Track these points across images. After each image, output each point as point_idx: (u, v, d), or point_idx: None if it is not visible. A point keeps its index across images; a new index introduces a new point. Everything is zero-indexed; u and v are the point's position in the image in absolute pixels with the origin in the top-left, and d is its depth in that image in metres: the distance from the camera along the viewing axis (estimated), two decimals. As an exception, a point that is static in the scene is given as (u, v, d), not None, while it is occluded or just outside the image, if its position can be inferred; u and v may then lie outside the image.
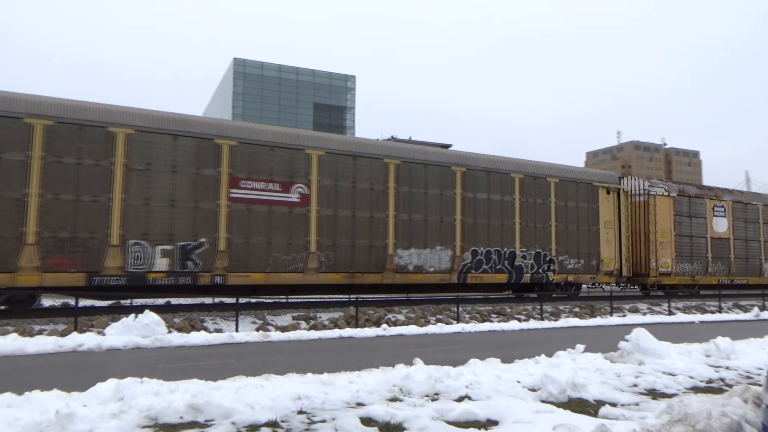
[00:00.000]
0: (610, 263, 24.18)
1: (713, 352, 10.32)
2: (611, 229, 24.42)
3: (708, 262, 27.80)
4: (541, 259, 22.40)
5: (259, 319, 15.63)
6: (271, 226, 17.34)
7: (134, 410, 5.62)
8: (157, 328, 11.64)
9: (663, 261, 25.82)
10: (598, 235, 24.02)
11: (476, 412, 6.01)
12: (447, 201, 20.58)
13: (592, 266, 23.78)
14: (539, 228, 22.57)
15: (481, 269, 20.95)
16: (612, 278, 24.40)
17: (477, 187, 21.31)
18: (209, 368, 8.63)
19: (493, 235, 21.37)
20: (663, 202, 26.43)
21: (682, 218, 27.13)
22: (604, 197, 24.42)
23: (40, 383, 6.86)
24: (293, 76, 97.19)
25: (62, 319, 14.31)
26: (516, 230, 21.93)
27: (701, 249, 27.73)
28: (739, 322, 19.35)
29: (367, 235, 18.91)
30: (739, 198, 30.18)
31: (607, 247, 24.15)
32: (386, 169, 19.55)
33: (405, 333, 13.67)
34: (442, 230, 20.33)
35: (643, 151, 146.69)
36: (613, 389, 7.51)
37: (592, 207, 24.07)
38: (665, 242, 26.07)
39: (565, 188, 23.46)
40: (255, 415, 5.64)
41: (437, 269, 20.03)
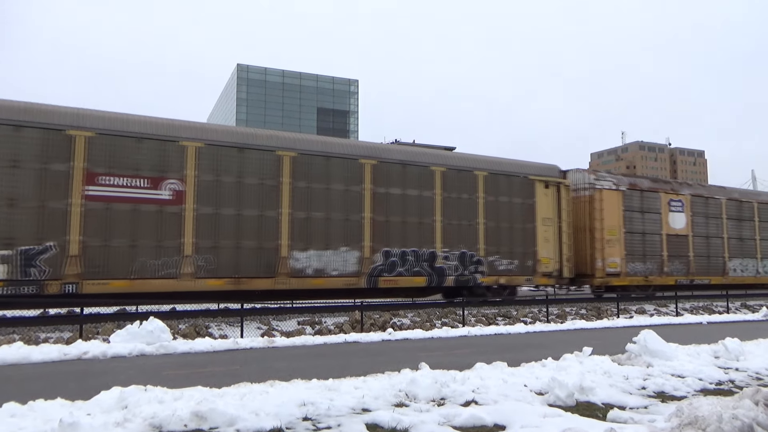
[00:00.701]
0: (548, 264, 22.11)
1: (722, 354, 10.22)
2: (550, 227, 22.37)
3: (663, 261, 25.62)
4: (467, 260, 20.40)
5: (264, 325, 15.60)
6: (137, 228, 15.52)
7: (138, 418, 5.59)
8: (162, 335, 11.63)
9: (611, 260, 23.72)
10: (534, 233, 21.95)
11: (483, 417, 5.95)
12: (354, 197, 18.60)
13: (527, 267, 21.65)
14: (465, 226, 20.57)
15: (395, 272, 19.00)
16: (551, 280, 22.42)
17: (390, 181, 19.31)
18: (214, 375, 8.60)
19: (409, 234, 19.42)
20: (611, 197, 24.35)
21: (633, 214, 25.01)
22: (542, 192, 22.34)
23: (44, 392, 6.84)
24: (296, 81, 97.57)
25: (67, 327, 14.32)
26: (436, 229, 19.94)
27: (655, 247, 25.53)
28: (748, 322, 19.20)
29: (255, 236, 16.96)
30: (699, 192, 28.22)
31: (545, 246, 22.07)
32: (279, 162, 17.54)
33: (410, 337, 13.61)
34: (347, 230, 18.38)
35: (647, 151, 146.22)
36: (621, 392, 7.44)
37: (528, 202, 22.03)
38: (613, 240, 23.97)
39: (495, 182, 21.39)
40: (260, 422, 5.60)
41: (342, 273, 18.14)
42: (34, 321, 14.87)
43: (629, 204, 24.93)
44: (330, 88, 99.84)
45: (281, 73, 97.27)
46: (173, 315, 16.05)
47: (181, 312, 16.68)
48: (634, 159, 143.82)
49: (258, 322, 15.89)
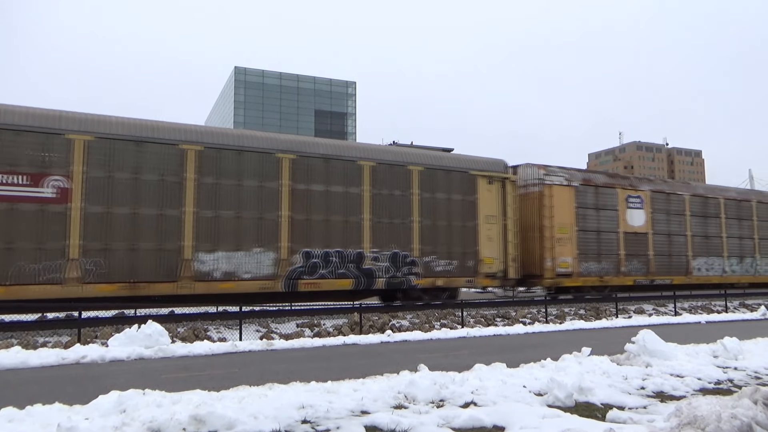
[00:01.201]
0: (492, 264, 20.71)
1: (721, 353, 10.24)
2: (495, 225, 20.98)
3: (620, 261, 24.21)
4: (400, 260, 19.02)
5: (263, 327, 15.58)
6: (13, 229, 14.18)
7: (136, 422, 5.57)
8: (161, 339, 11.59)
9: (561, 260, 22.32)
10: (476, 232, 20.58)
11: (482, 418, 5.95)
12: (269, 194, 17.22)
13: (468, 268, 20.28)
14: (397, 225, 19.13)
15: (317, 274, 17.64)
16: (495, 281, 21.09)
17: (312, 177, 17.93)
18: (212, 378, 8.58)
19: (334, 233, 18.07)
20: (562, 193, 22.90)
21: (587, 211, 23.57)
22: (485, 188, 20.97)
23: (42, 396, 6.83)
24: (294, 84, 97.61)
25: (66, 331, 14.27)
26: (365, 228, 18.52)
27: (612, 246, 24.12)
28: (746, 321, 19.22)
29: (154, 237, 15.63)
30: (660, 187, 26.81)
31: (488, 245, 20.70)
32: (183, 156, 16.16)
33: (409, 339, 13.60)
34: (262, 229, 17.01)
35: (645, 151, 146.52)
36: (620, 392, 7.44)
37: (469, 199, 20.63)
38: (565, 239, 22.57)
39: (432, 178, 20.01)
40: (258, 425, 5.59)
41: (256, 276, 16.78)
42: (32, 325, 14.83)
43: (583, 200, 23.59)
44: (328, 90, 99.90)
45: (279, 75, 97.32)
46: (172, 318, 16.01)
47: (180, 315, 16.64)
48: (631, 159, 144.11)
49: (257, 325, 15.86)
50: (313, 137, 19.23)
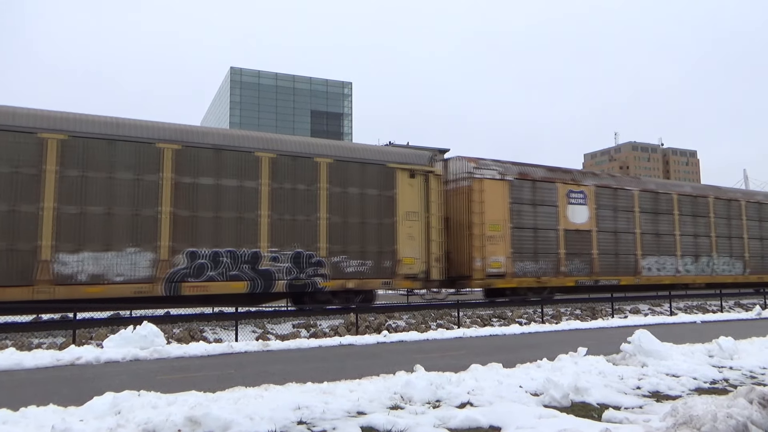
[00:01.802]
0: (413, 264, 19.19)
1: (716, 352, 10.27)
2: (416, 222, 19.40)
3: (560, 260, 22.67)
4: (304, 261, 17.51)
5: (259, 328, 15.56)
6: None
7: (131, 424, 5.54)
8: (156, 340, 11.56)
9: (493, 260, 20.84)
10: (394, 230, 18.98)
11: (478, 419, 5.95)
12: (147, 188, 15.66)
13: (385, 269, 18.72)
14: (301, 221, 17.61)
15: (205, 276, 16.19)
16: (416, 283, 19.55)
17: (199, 169, 16.42)
18: (208, 379, 8.55)
19: (225, 231, 16.56)
20: (494, 188, 21.37)
21: (522, 206, 22.07)
22: (406, 182, 19.38)
23: (36, 398, 6.79)
24: (290, 84, 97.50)
25: (60, 332, 14.22)
26: (262, 225, 17.01)
27: (550, 244, 22.59)
28: (741, 321, 19.30)
29: (4, 236, 14.12)
30: (606, 182, 25.20)
31: (409, 244, 19.16)
32: (42, 147, 14.64)
33: (406, 339, 13.60)
34: (138, 227, 15.47)
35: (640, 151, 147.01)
36: (616, 392, 7.45)
37: (387, 194, 19.02)
38: (497, 236, 21.06)
39: (343, 171, 18.42)
40: (254, 426, 5.57)
41: (130, 278, 15.25)
42: (26, 326, 14.76)
43: (518, 195, 22.08)
44: (324, 90, 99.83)
45: (275, 76, 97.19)
46: (167, 319, 15.97)
47: (176, 316, 16.60)
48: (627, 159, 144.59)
49: (253, 326, 15.84)
50: (202, 126, 17.36)
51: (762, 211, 30.58)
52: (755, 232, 29.97)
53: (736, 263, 28.86)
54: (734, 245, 28.88)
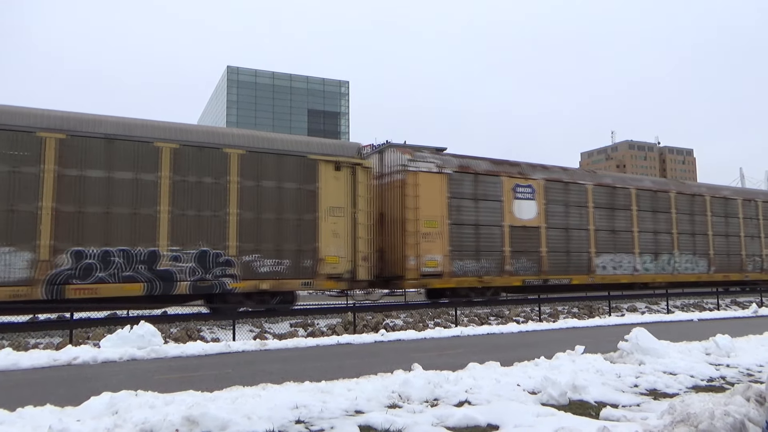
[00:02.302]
0: (337, 263, 17.92)
1: (713, 350, 10.29)
2: (342, 218, 18.12)
3: (505, 259, 21.37)
4: (210, 260, 16.23)
5: (256, 327, 15.54)
6: None
7: (129, 424, 5.53)
8: (153, 339, 11.53)
9: (428, 258, 19.51)
10: (316, 227, 17.67)
11: (476, 417, 5.95)
12: (25, 181, 14.31)
13: (305, 268, 17.41)
14: (208, 218, 16.29)
15: (94, 278, 14.81)
16: (341, 284, 18.28)
17: (87, 160, 15.04)
18: (206, 378, 8.54)
19: (117, 229, 15.20)
20: (430, 181, 19.99)
21: (463, 201, 20.74)
22: (330, 175, 18.09)
23: (33, 398, 6.77)
24: (287, 83, 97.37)
25: (58, 332, 14.18)
26: (161, 221, 15.64)
27: (494, 241, 21.30)
28: (738, 319, 19.34)
29: None
30: (556, 176, 23.73)
31: (333, 242, 17.88)
32: None
33: (403, 338, 13.59)
34: (12, 224, 14.14)
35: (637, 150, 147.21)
36: (614, 390, 7.46)
37: (308, 188, 17.70)
38: (434, 233, 19.69)
39: (257, 163, 17.11)
40: (252, 425, 5.56)
41: (4, 281, 13.91)
42: (23, 326, 14.74)
43: (458, 190, 20.73)
44: (320, 89, 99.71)
45: (271, 75, 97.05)
46: (164, 319, 15.96)
47: (173, 316, 16.59)
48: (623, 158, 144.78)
49: (250, 325, 15.82)
50: (94, 114, 15.69)
51: (729, 207, 29.51)
52: (721, 229, 28.94)
53: (700, 261, 27.79)
54: (698, 242, 27.86)
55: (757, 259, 30.35)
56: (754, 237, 30.39)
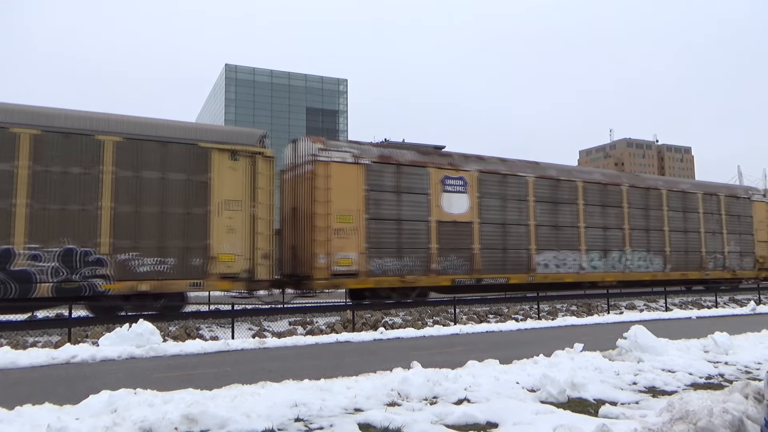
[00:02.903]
0: (232, 262, 16.49)
1: (711, 348, 10.31)
2: (239, 212, 16.64)
3: (431, 256, 19.86)
4: (78, 259, 14.64)
5: (255, 326, 15.54)
6: None
7: (128, 422, 5.52)
8: (152, 337, 11.52)
9: (341, 256, 17.96)
10: (207, 222, 16.13)
11: (475, 415, 5.95)
12: None
13: (194, 267, 15.90)
14: (75, 212, 14.73)
15: None
16: (237, 284, 16.74)
17: None
18: (205, 377, 8.53)
19: None
20: (345, 172, 18.37)
21: (383, 194, 19.14)
22: (226, 165, 16.63)
23: (32, 397, 6.76)
24: (285, 81, 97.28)
25: (56, 330, 14.16)
26: (16, 216, 14.13)
27: (419, 238, 19.71)
28: (736, 316, 19.37)
29: None
30: (493, 167, 22.04)
31: (228, 238, 16.43)
32: None
33: (402, 336, 13.60)
34: None
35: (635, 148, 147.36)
36: (612, 388, 7.47)
37: (198, 179, 16.14)
38: (348, 229, 18.16)
39: (137, 151, 15.56)
40: (251, 424, 5.56)
41: None
42: (21, 325, 14.72)
43: (377, 182, 19.12)
44: (319, 87, 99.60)
45: (269, 73, 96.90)
46: (163, 317, 15.93)
47: (171, 314, 16.57)
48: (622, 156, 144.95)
49: (249, 323, 15.83)
50: None
51: (688, 202, 27.89)
52: (679, 225, 27.29)
53: (655, 259, 26.13)
54: (653, 239, 26.16)
55: (718, 257, 28.71)
56: (716, 233, 28.76)
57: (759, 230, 30.59)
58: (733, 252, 29.29)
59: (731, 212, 29.58)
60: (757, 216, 30.65)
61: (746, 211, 30.26)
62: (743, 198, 30.39)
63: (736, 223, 29.63)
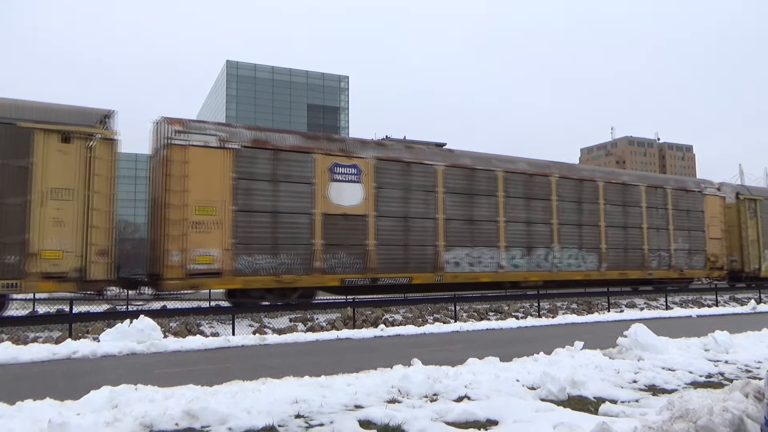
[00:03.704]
0: (59, 260, 14.37)
1: (712, 346, 10.32)
2: (71, 202, 14.53)
3: (314, 254, 17.71)
4: None
5: (256, 322, 15.56)
6: None
7: (129, 418, 5.54)
8: (153, 333, 11.55)
9: (200, 253, 15.90)
10: (25, 213, 14.06)
11: (476, 412, 5.96)
12: None
13: (8, 266, 13.90)
14: None
15: None
16: (67, 284, 14.68)
17: None
18: (205, 373, 8.55)
19: None
20: (206, 158, 16.29)
21: (255, 183, 17.10)
22: (54, 148, 14.43)
23: (33, 392, 6.77)
24: (286, 78, 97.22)
25: (57, 326, 14.20)
26: None
27: (300, 232, 17.59)
28: (737, 315, 19.38)
29: None
30: (394, 154, 19.78)
31: (54, 232, 14.36)
32: None
33: (403, 333, 13.62)
34: None
35: (637, 146, 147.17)
36: (612, 386, 7.48)
37: (16, 164, 14.07)
38: (210, 222, 16.10)
39: None
40: (252, 420, 5.57)
41: None
42: (22, 320, 14.76)
43: (248, 169, 17.03)
44: (320, 84, 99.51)
45: (271, 69, 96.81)
46: (164, 313, 15.98)
47: (172, 310, 16.61)
48: (623, 154, 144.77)
49: (250, 320, 15.85)
50: None
51: (628, 195, 25.45)
52: (617, 219, 24.86)
53: (589, 257, 23.80)
54: (586, 235, 23.80)
55: (664, 255, 26.30)
56: (661, 229, 26.31)
57: (711, 226, 28.20)
58: (680, 250, 27.01)
59: (679, 207, 27.23)
60: (709, 211, 28.27)
61: (697, 205, 27.91)
62: (694, 191, 28.02)
63: (685, 218, 27.30)
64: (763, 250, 29.97)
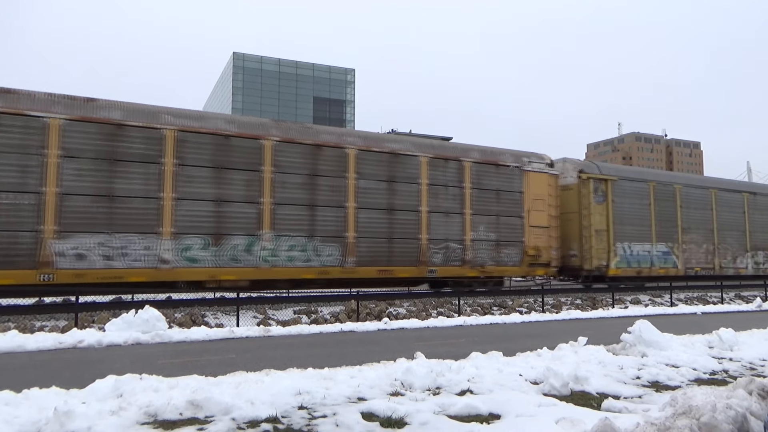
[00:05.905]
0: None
1: (716, 344, 10.28)
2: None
3: None
4: None
5: (260, 314, 15.61)
6: None
7: (133, 407, 5.58)
8: (158, 324, 11.61)
9: None
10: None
11: (478, 406, 5.96)
12: None
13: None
14: None
15: None
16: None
17: None
18: (209, 364, 8.59)
19: None
20: None
21: None
22: None
23: (39, 380, 6.82)
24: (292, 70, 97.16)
25: (63, 315, 14.29)
26: None
27: None
28: (742, 313, 19.31)
29: None
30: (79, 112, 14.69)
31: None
32: None
33: (406, 326, 13.63)
34: None
35: (644, 142, 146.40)
36: (616, 382, 7.47)
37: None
38: None
39: None
40: (255, 410, 5.60)
41: None
42: (29, 309, 14.85)
43: None
44: (326, 77, 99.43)
45: (277, 61, 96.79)
46: (169, 304, 16.04)
47: (177, 301, 16.67)
48: (630, 150, 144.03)
49: (254, 311, 15.90)
50: None
51: (400, 167, 19.45)
52: (379, 200, 18.93)
53: (327, 248, 18.03)
54: (323, 218, 18.02)
55: (454, 247, 20.17)
56: (452, 214, 20.18)
57: (534, 211, 21.74)
58: (482, 240, 20.66)
59: (484, 186, 20.95)
60: (531, 192, 21.82)
61: (513, 185, 21.53)
62: (508, 166, 21.55)
63: (492, 200, 21.01)
64: (614, 243, 23.80)
